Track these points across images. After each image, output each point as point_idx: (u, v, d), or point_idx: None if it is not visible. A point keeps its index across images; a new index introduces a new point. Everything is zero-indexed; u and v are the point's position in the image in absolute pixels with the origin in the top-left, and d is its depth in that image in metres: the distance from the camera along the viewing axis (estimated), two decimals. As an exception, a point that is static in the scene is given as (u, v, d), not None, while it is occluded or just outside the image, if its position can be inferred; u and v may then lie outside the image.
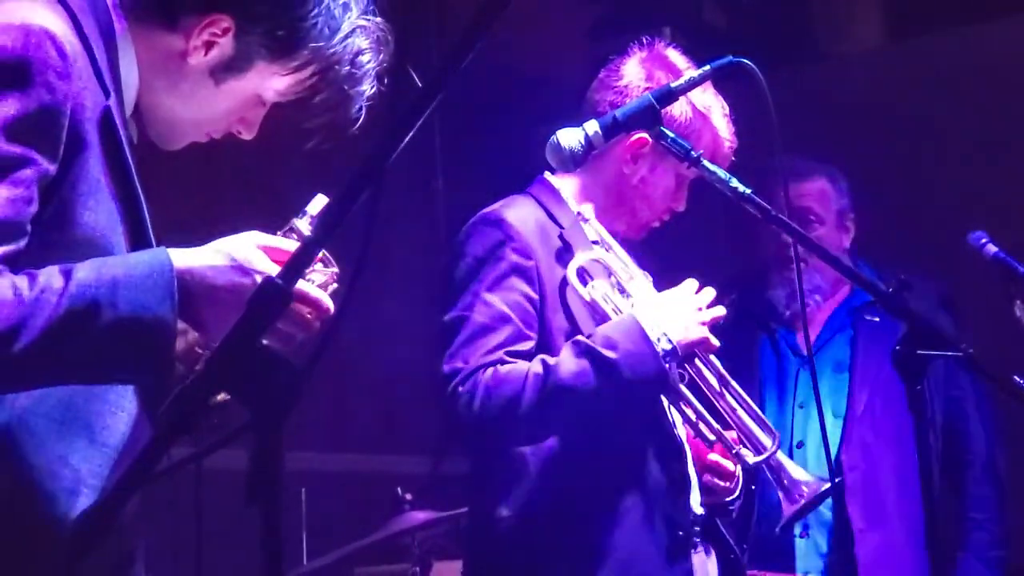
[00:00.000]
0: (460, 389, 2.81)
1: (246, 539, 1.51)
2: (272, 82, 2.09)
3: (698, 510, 2.99)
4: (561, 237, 2.99)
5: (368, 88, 2.13)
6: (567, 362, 2.82)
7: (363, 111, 2.14)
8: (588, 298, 2.93)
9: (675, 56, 3.12)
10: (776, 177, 2.94)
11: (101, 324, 1.75)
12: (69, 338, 1.74)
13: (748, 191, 2.59)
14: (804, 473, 2.96)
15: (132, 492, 1.50)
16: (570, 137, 2.74)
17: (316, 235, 1.52)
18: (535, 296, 2.92)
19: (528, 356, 2.87)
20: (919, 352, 2.30)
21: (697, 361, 2.95)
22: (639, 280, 2.99)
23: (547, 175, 3.13)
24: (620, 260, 3.00)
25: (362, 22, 2.11)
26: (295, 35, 2.05)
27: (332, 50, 2.07)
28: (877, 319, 3.98)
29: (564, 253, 2.97)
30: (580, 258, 2.93)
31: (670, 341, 2.84)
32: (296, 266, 1.51)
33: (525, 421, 2.81)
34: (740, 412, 2.97)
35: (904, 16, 5.80)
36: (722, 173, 2.63)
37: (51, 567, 1.77)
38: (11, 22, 1.80)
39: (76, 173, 1.84)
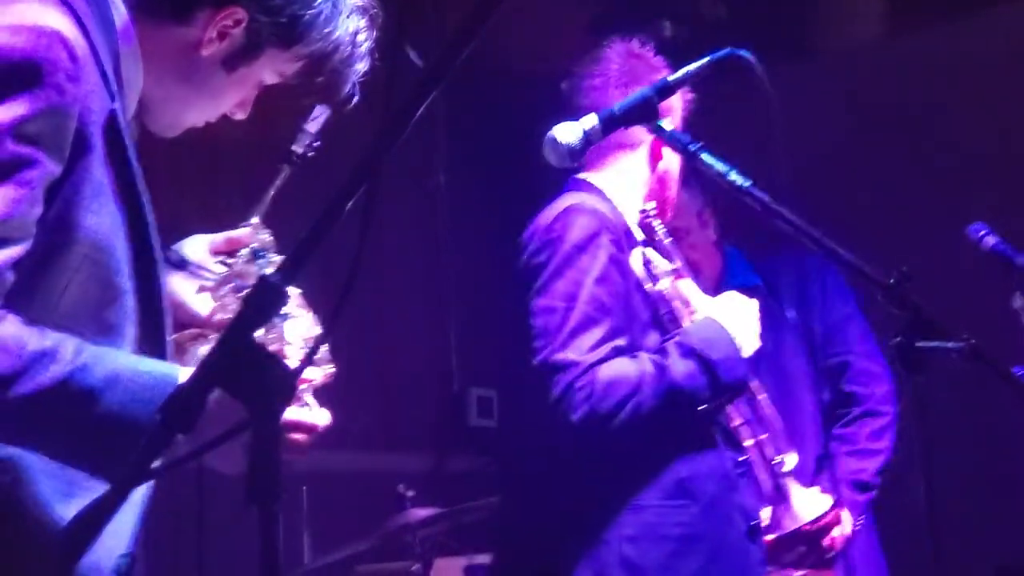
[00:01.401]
0: (577, 384, 2.78)
1: (247, 536, 1.51)
2: (277, 67, 2.11)
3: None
4: (627, 233, 3.04)
5: (363, 66, 2.15)
6: (677, 363, 2.85)
7: (357, 89, 2.16)
8: (654, 292, 2.97)
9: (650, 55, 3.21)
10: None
11: (86, 412, 1.76)
12: (53, 411, 1.75)
13: (747, 184, 2.59)
14: (807, 500, 3.02)
15: (129, 491, 1.49)
16: (567, 133, 2.73)
17: (313, 232, 1.50)
18: (625, 289, 2.94)
19: (626, 351, 2.88)
20: (918, 344, 2.30)
21: None
22: (691, 280, 3.03)
23: (581, 175, 3.17)
24: (677, 257, 3.05)
25: (357, 1, 2.14)
26: (304, 21, 2.07)
27: (336, 33, 2.10)
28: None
29: (630, 248, 3.00)
30: (646, 253, 2.98)
31: (747, 349, 2.94)
32: (293, 265, 1.50)
33: (639, 420, 2.81)
34: (770, 420, 3.11)
35: (904, 8, 5.79)
36: (720, 165, 2.63)
37: (46, 568, 1.77)
38: (22, 23, 1.80)
39: (80, 176, 1.84)
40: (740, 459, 2.98)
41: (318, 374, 2.06)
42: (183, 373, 1.85)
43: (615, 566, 2.82)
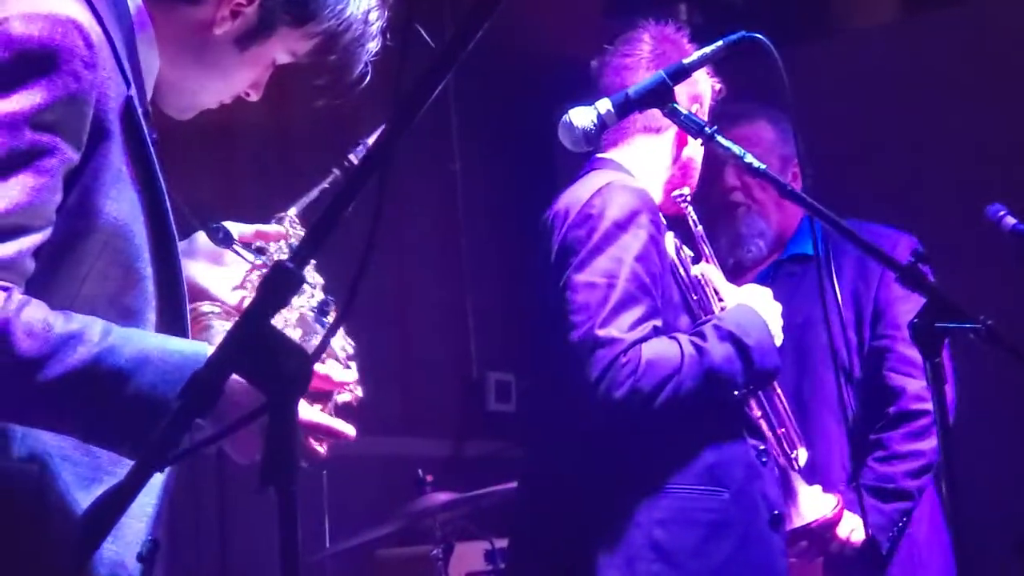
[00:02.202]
0: (621, 360, 2.74)
1: (268, 521, 1.51)
2: (290, 46, 2.11)
3: None
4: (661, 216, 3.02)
5: (375, 46, 2.15)
6: (716, 346, 2.84)
7: (369, 68, 2.16)
8: (689, 278, 2.98)
9: (683, 41, 3.16)
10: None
11: (116, 393, 1.76)
12: (82, 393, 1.75)
13: (763, 166, 2.59)
14: (811, 498, 3.02)
15: (148, 477, 1.50)
16: (582, 116, 2.73)
17: (327, 217, 1.51)
18: (660, 270, 2.92)
19: (662, 332, 2.86)
20: (937, 324, 2.30)
21: None
22: (716, 267, 3.06)
23: (603, 154, 3.13)
24: (706, 243, 3.06)
25: None
26: (318, 2, 2.07)
27: (348, 11, 2.10)
28: (795, 272, 3.87)
29: (663, 230, 2.99)
30: (674, 237, 2.99)
31: (778, 338, 2.95)
32: (307, 249, 1.51)
33: (678, 401, 2.79)
34: (784, 415, 3.10)
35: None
36: (736, 148, 2.63)
37: (68, 553, 1.78)
38: (37, 11, 1.81)
39: (99, 162, 1.85)
40: (762, 448, 2.97)
41: (346, 395, 2.07)
42: (212, 351, 1.85)
43: (646, 548, 2.81)
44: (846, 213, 2.82)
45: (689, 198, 3.09)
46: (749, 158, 2.59)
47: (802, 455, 3.10)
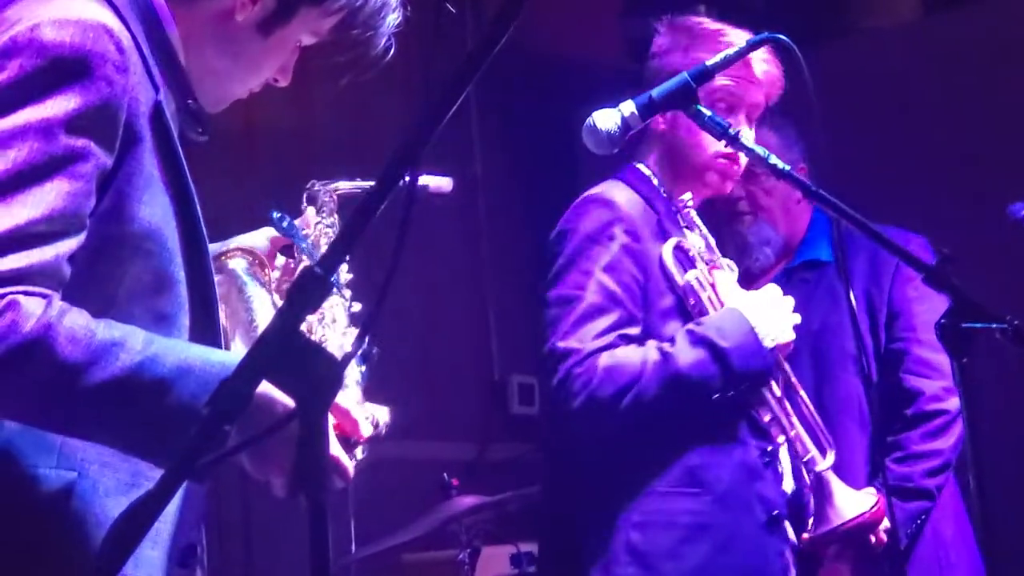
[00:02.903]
0: (576, 371, 2.84)
1: (293, 528, 1.51)
2: (311, 26, 2.11)
3: (788, 488, 3.06)
4: (659, 223, 3.05)
5: (395, 18, 2.15)
6: (685, 350, 2.88)
7: (392, 42, 2.16)
8: (683, 283, 2.99)
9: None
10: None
11: (157, 401, 1.76)
12: (123, 400, 1.75)
13: (787, 168, 2.58)
14: (849, 497, 3.00)
15: (178, 484, 1.50)
16: (606, 119, 2.73)
17: (355, 221, 1.51)
18: (642, 279, 2.97)
19: (637, 340, 2.92)
20: (964, 325, 2.29)
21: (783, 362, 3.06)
22: (727, 271, 3.04)
23: (637, 164, 3.18)
24: (713, 249, 3.05)
25: None
26: None
27: None
28: (808, 279, 3.86)
29: (662, 238, 3.02)
30: (674, 242, 3.01)
31: (772, 340, 2.94)
32: (335, 255, 1.51)
33: (643, 408, 2.85)
34: (808, 417, 3.10)
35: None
36: (760, 150, 2.62)
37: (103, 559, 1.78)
38: (67, 17, 1.81)
39: (132, 167, 1.86)
40: (767, 448, 2.97)
41: (358, 451, 2.09)
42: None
43: (622, 551, 2.85)
44: (863, 214, 2.81)
45: (692, 203, 3.09)
46: (773, 159, 2.59)
47: (828, 457, 3.09)
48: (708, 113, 2.71)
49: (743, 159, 3.11)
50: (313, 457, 1.47)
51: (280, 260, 2.40)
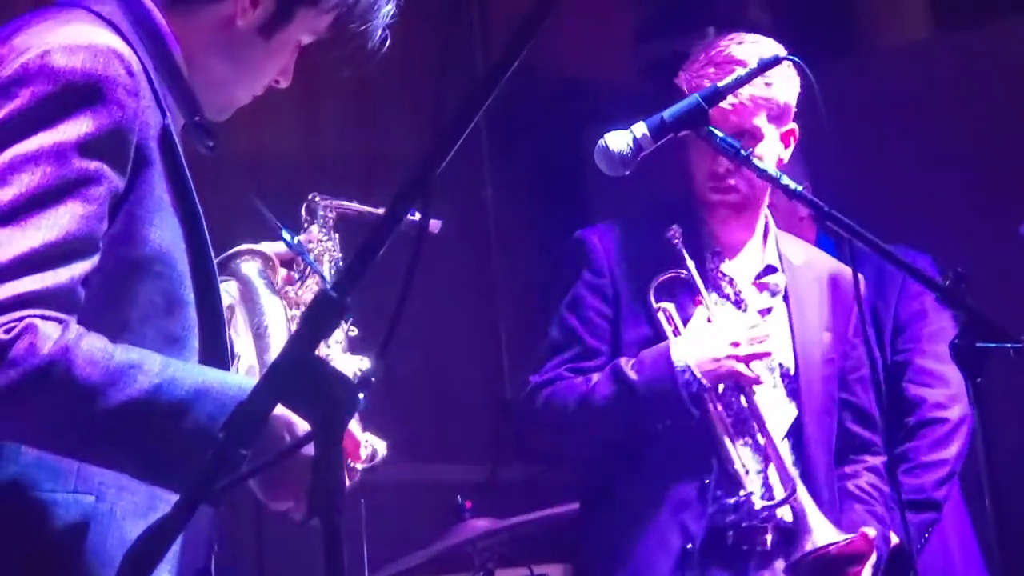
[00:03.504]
0: (526, 403, 3.08)
1: (306, 553, 1.51)
2: (310, 25, 2.11)
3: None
4: (652, 254, 3.10)
5: (390, 9, 2.16)
6: (603, 383, 3.01)
7: (388, 34, 2.17)
8: (654, 317, 3.06)
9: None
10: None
11: (175, 424, 1.77)
12: (141, 423, 1.76)
13: (799, 188, 2.59)
14: (824, 524, 2.97)
15: (195, 508, 1.50)
16: (618, 140, 2.73)
17: (369, 245, 1.51)
18: (610, 312, 3.09)
19: (599, 369, 3.05)
20: (978, 344, 2.29)
21: (749, 394, 3.04)
22: (707, 304, 3.04)
23: None
24: (696, 282, 3.04)
25: None
26: None
27: None
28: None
29: (654, 270, 3.09)
30: (659, 277, 3.07)
31: (692, 371, 2.95)
32: (350, 277, 1.51)
33: (570, 435, 3.07)
34: (765, 449, 3.05)
35: (951, 6, 5.75)
36: (773, 170, 2.63)
37: None
38: (77, 43, 1.82)
39: (144, 190, 1.87)
40: (705, 481, 2.97)
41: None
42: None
43: None
44: (871, 232, 2.82)
45: (679, 235, 3.09)
46: (785, 180, 2.59)
47: (777, 493, 3.04)
48: (720, 134, 2.72)
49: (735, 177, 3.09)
50: (329, 480, 1.47)
51: (282, 272, 2.41)
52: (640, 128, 2.72)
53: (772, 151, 3.09)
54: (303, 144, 5.14)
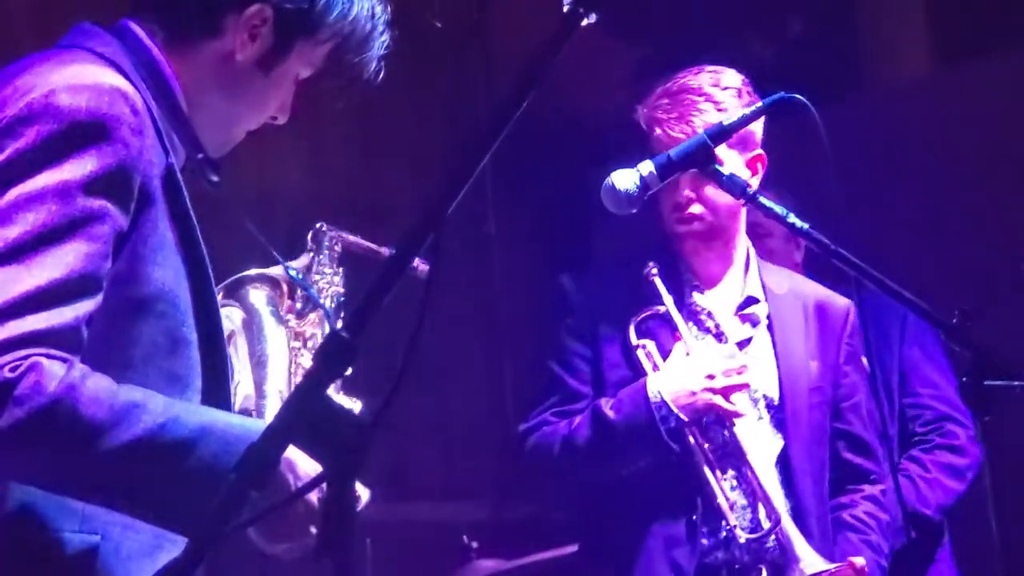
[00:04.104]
0: (514, 448, 3.15)
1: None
2: (307, 58, 2.13)
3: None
4: (632, 293, 3.11)
5: (385, 40, 2.18)
6: (583, 425, 3.04)
7: (382, 66, 2.19)
8: (634, 356, 3.06)
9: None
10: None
11: (179, 463, 1.77)
12: (145, 462, 1.76)
13: (805, 226, 2.59)
14: (810, 554, 2.95)
15: (204, 552, 1.50)
16: (625, 179, 2.74)
17: (378, 286, 1.52)
18: (591, 354, 3.11)
19: (583, 411, 3.07)
20: (987, 383, 2.29)
21: (731, 427, 3.03)
22: (688, 340, 3.05)
23: None
24: (674, 317, 3.05)
25: None
26: (323, 5, 2.09)
27: (353, 13, 2.12)
28: None
29: (634, 309, 3.10)
30: (638, 316, 3.08)
31: (669, 406, 2.95)
32: (360, 318, 1.51)
33: (557, 478, 3.14)
34: (751, 481, 3.03)
35: (953, 43, 5.77)
36: (779, 208, 2.63)
37: None
38: (82, 83, 1.84)
39: (147, 229, 1.87)
40: (693, 517, 2.96)
41: None
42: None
43: None
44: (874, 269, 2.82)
45: (655, 271, 3.10)
46: (792, 218, 2.60)
47: (763, 525, 3.02)
48: (726, 172, 2.73)
49: (696, 205, 3.09)
50: (341, 521, 1.46)
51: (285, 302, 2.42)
52: (647, 166, 2.73)
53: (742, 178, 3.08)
54: (308, 189, 5.15)
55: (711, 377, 2.97)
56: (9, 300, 1.72)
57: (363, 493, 2.16)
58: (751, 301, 3.18)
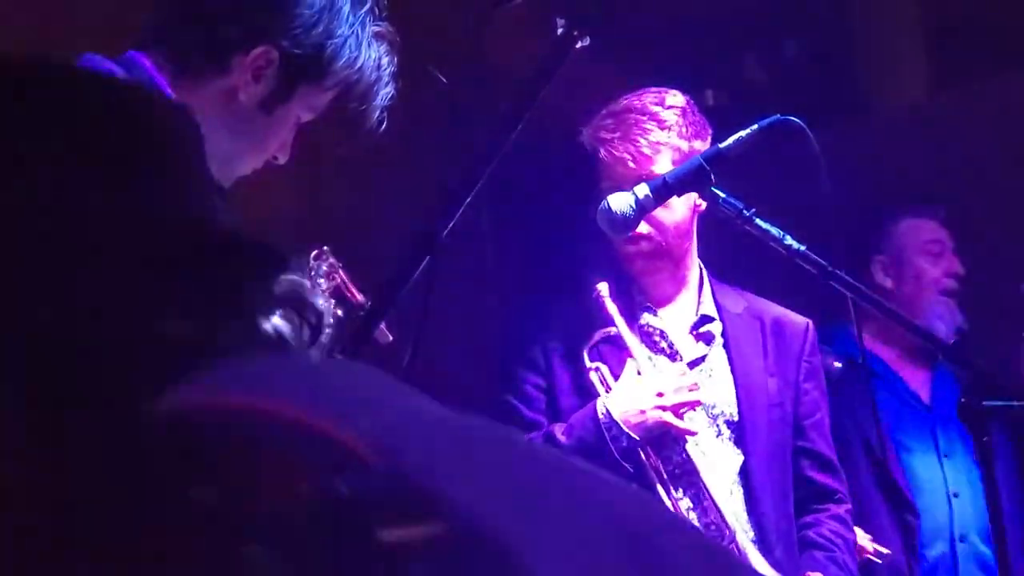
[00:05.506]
0: None
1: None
2: (310, 102, 2.14)
3: None
4: (584, 317, 3.11)
5: (388, 91, 2.19)
6: None
7: (385, 115, 2.20)
8: (587, 379, 3.05)
9: None
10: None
11: None
12: None
13: (802, 248, 2.59)
14: (767, 570, 2.94)
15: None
16: (621, 201, 2.74)
17: (375, 307, 1.52)
18: (543, 383, 3.09)
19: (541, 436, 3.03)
20: (985, 403, 2.28)
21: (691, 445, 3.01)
22: (640, 361, 3.04)
23: None
24: (626, 340, 3.05)
25: (378, 29, 2.19)
26: (330, 53, 2.11)
27: (360, 62, 2.14)
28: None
29: (587, 333, 3.10)
30: (591, 339, 3.08)
31: (619, 425, 2.92)
32: (360, 339, 1.51)
33: None
34: (707, 504, 3.01)
35: (951, 65, 5.77)
36: (775, 231, 2.63)
37: None
38: None
39: None
40: None
41: None
42: None
43: None
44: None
45: (606, 293, 3.10)
46: (789, 240, 2.59)
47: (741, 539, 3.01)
48: (723, 195, 2.73)
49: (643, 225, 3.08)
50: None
51: None
52: (643, 189, 2.73)
53: (688, 198, 3.08)
54: (309, 211, 5.15)
55: (661, 395, 2.95)
56: None
57: None
58: (705, 320, 3.18)
